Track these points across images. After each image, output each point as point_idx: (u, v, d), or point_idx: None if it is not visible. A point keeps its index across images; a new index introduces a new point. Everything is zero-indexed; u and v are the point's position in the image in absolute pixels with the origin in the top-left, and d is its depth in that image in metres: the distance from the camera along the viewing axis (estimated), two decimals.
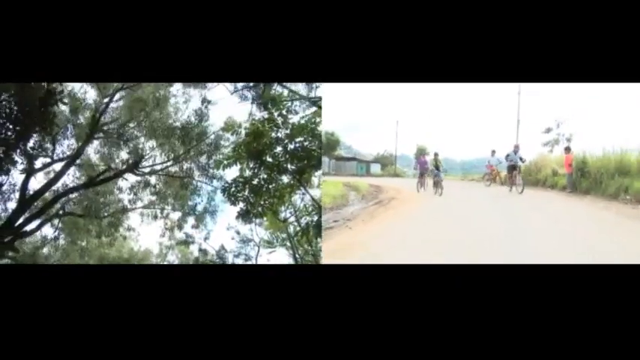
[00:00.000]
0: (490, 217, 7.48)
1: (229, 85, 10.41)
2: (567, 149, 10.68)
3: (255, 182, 6.52)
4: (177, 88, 11.14)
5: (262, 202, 6.59)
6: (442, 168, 12.23)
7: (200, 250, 13.43)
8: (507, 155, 11.82)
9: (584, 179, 8.83)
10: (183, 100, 11.36)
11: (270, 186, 6.53)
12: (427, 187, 12.79)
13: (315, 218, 6.81)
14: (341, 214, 8.20)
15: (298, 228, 9.82)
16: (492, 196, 11.04)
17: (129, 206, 11.89)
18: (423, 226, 6.96)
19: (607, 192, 7.86)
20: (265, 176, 6.51)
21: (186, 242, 13.36)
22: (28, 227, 9.39)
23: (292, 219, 11.04)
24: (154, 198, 11.96)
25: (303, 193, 7.84)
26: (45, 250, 11.50)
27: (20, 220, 8.97)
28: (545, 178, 11.79)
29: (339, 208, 9.03)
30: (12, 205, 9.08)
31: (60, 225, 11.25)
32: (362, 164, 39.77)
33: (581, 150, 10.35)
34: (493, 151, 13.71)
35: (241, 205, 6.59)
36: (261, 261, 13.75)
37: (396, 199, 10.34)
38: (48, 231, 11.19)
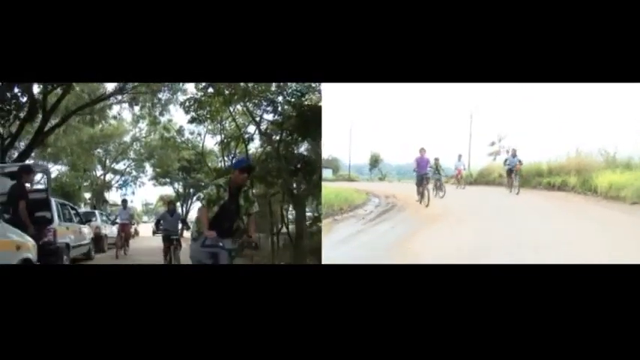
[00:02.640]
0: (512, 214, 8.08)
1: None
2: (519, 161, 13.99)
3: None
4: None
5: None
6: (443, 173, 11.99)
7: None
8: (505, 160, 12.18)
9: (521, 178, 12.16)
10: None
11: None
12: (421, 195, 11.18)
13: None
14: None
15: None
16: (496, 196, 11.46)
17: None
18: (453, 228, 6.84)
19: (530, 185, 12.01)
20: None
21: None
22: None
23: None
24: None
25: None
26: None
27: None
28: (494, 179, 15.10)
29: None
30: None
31: None
32: None
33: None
34: (460, 156, 14.81)
35: None
36: None
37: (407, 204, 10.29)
38: None
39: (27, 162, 8.91)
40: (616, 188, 8.00)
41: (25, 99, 10.04)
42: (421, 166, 10.01)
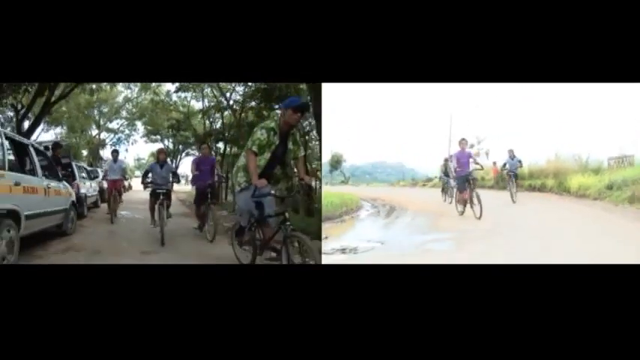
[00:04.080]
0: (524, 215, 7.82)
1: None
2: (494, 163, 13.79)
3: None
4: None
5: None
6: (452, 174, 10.10)
7: None
8: (504, 164, 10.05)
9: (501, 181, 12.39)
10: None
11: None
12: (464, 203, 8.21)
13: None
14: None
15: None
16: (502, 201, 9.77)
17: None
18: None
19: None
20: None
21: None
22: None
23: None
24: None
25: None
26: None
27: None
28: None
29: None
30: None
31: None
32: None
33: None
34: (446, 160, 12.62)
35: None
36: None
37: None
38: None
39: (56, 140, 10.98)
40: (583, 188, 9.30)
41: None
42: (462, 164, 7.36)
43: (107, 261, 4.75)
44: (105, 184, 10.23)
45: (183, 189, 17.19)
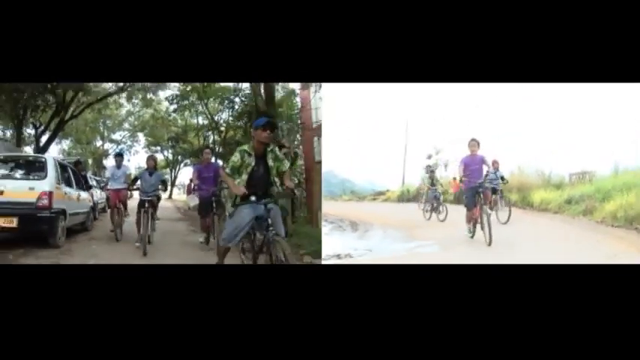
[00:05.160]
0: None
1: None
2: (454, 178, 11.66)
3: None
4: None
5: None
6: (441, 188, 9.59)
7: None
8: (486, 175, 7.70)
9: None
10: None
11: None
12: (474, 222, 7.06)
13: None
14: None
15: None
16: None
17: None
18: None
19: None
20: None
21: None
22: None
23: None
24: None
25: None
26: None
27: None
28: None
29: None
30: None
31: None
32: None
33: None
34: (431, 170, 11.57)
35: None
36: None
37: None
38: None
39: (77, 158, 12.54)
40: (545, 203, 9.45)
41: (51, 98, 13.76)
42: (473, 172, 5.97)
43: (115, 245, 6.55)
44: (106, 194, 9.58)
45: (182, 197, 18.73)
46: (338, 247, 6.17)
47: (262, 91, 8.73)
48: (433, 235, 7.07)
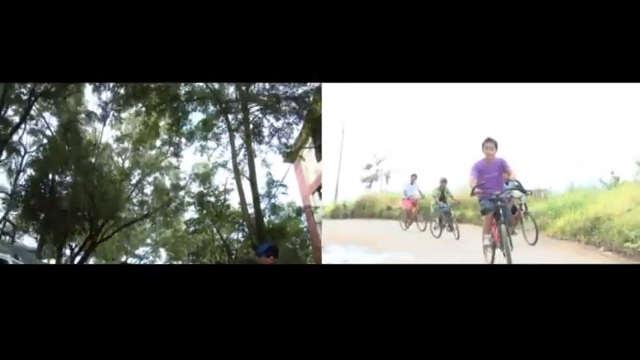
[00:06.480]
0: None
1: None
2: (404, 192, 11.04)
3: None
4: None
5: None
6: (451, 201, 8.87)
7: None
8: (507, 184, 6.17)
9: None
10: None
11: None
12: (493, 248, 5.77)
13: None
14: None
15: None
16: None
17: None
18: None
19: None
20: None
21: None
22: None
23: None
24: None
25: None
26: None
27: None
28: (381, 212, 13.20)
29: None
30: None
31: None
32: None
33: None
34: (414, 176, 10.32)
35: None
36: None
37: None
38: None
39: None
40: None
41: (87, 224, 15.65)
42: (488, 180, 4.96)
43: None
44: None
45: None
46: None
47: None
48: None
